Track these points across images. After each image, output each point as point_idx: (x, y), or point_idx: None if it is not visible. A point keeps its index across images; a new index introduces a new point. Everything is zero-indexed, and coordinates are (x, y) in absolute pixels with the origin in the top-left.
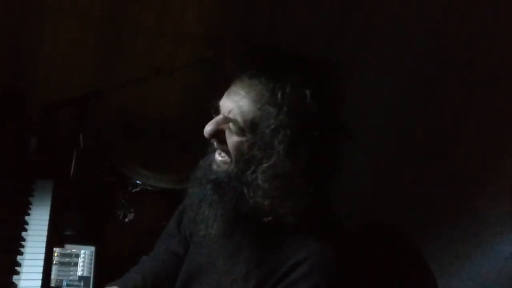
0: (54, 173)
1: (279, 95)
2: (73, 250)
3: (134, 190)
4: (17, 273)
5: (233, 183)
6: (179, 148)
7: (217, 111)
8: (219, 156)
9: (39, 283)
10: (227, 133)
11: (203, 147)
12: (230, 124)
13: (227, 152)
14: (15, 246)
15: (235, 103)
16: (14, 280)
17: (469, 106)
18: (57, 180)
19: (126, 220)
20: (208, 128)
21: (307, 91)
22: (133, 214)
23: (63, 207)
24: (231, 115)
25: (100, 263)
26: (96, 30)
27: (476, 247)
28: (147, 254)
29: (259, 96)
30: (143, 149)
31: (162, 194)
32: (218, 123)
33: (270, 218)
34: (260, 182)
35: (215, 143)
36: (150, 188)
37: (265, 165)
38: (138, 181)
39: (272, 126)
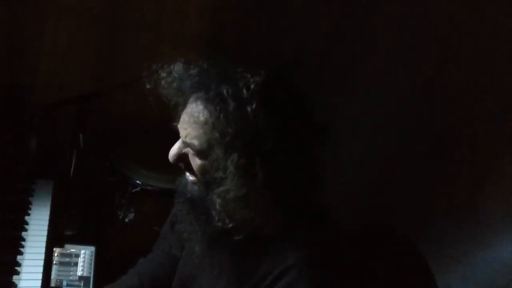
0: (54, 173)
1: (221, 118)
2: (73, 250)
3: (134, 190)
4: (17, 273)
5: (205, 204)
6: None
7: None
8: (190, 176)
9: (39, 283)
10: (190, 156)
11: None
12: (189, 148)
13: (194, 174)
14: (15, 246)
15: (189, 128)
16: (14, 280)
17: (469, 105)
18: (57, 180)
19: (126, 220)
20: (171, 154)
21: (249, 108)
22: (133, 214)
23: (63, 207)
24: (187, 140)
25: (100, 263)
26: (96, 29)
27: (476, 247)
28: (148, 254)
29: (205, 121)
30: (143, 149)
31: (162, 194)
32: (180, 148)
33: (241, 237)
34: (218, 206)
35: (182, 166)
36: (150, 188)
37: (222, 188)
38: (138, 181)
39: (222, 149)
